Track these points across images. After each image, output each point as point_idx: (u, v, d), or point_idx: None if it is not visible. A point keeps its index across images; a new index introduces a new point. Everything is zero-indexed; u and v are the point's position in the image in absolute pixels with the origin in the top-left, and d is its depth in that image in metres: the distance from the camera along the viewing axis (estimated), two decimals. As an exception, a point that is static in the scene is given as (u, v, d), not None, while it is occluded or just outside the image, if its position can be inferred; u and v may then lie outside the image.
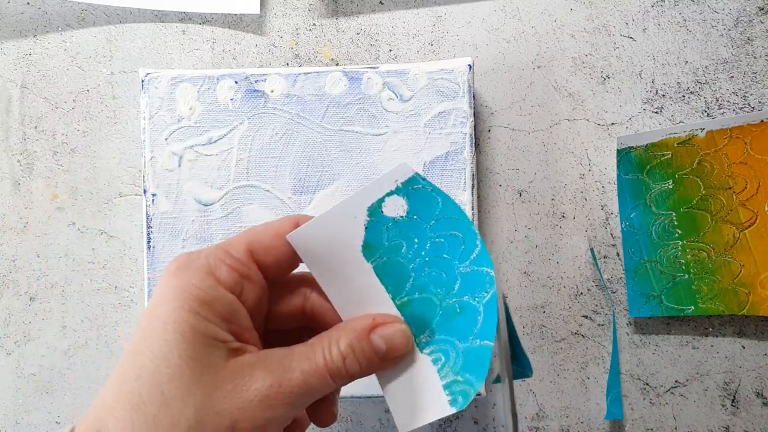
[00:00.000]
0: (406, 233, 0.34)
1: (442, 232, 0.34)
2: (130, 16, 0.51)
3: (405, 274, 0.34)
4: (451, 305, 0.34)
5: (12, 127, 0.51)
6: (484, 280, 0.33)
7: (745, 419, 0.49)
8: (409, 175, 0.33)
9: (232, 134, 0.47)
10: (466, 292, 0.34)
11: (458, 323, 0.34)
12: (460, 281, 0.34)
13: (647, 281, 0.48)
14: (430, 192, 0.34)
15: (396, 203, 0.34)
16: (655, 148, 0.47)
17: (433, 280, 0.34)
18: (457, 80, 0.46)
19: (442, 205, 0.34)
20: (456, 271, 0.34)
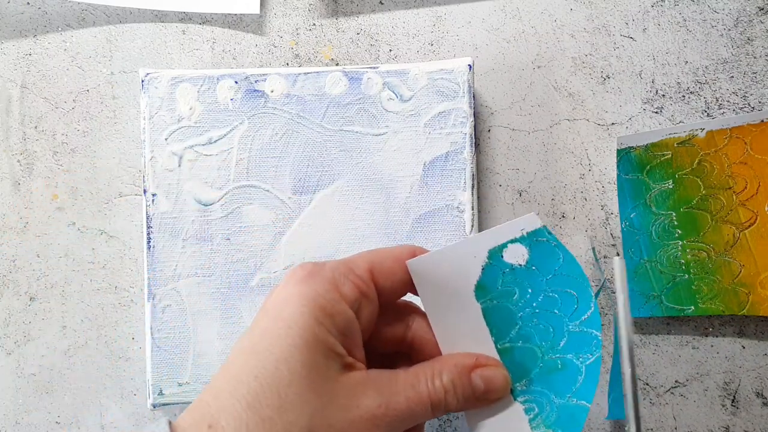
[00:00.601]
0: (521, 281, 0.34)
1: (558, 288, 0.35)
2: (130, 16, 0.51)
3: (512, 320, 0.35)
4: (553, 360, 0.34)
5: (12, 127, 0.51)
6: (591, 342, 0.34)
7: (745, 419, 0.49)
8: (536, 227, 0.34)
9: (232, 134, 0.47)
10: (570, 351, 0.34)
11: (557, 379, 0.34)
12: (567, 338, 0.34)
13: (647, 281, 0.48)
14: (553, 246, 0.34)
15: (517, 251, 0.34)
16: (655, 148, 0.47)
17: (539, 332, 0.35)
18: (457, 80, 0.46)
19: (563, 261, 0.34)
20: (564, 328, 0.35)
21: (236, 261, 0.46)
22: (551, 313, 0.35)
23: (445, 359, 0.32)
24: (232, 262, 0.46)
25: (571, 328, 0.35)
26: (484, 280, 0.34)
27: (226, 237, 0.46)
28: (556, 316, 0.35)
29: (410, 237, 0.46)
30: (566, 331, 0.35)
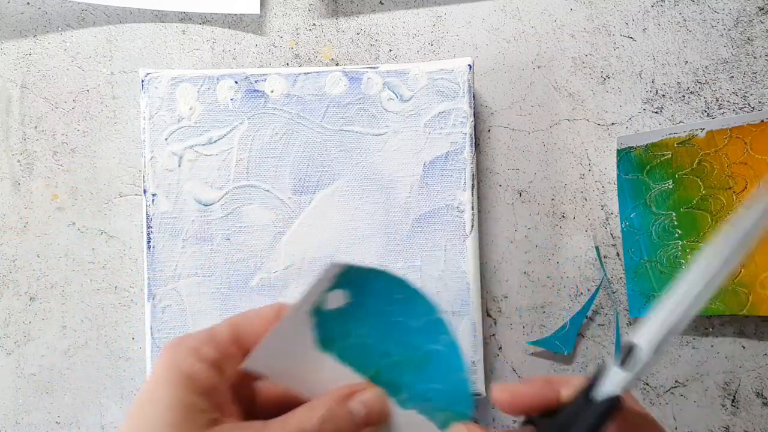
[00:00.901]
0: (355, 316, 0.36)
1: (388, 301, 0.36)
2: (130, 16, 0.51)
3: (367, 349, 0.36)
4: (419, 359, 0.36)
5: (12, 127, 0.51)
6: (436, 324, 0.36)
7: (745, 419, 0.49)
8: (343, 268, 0.35)
9: (232, 134, 0.47)
10: (427, 343, 0.36)
11: (430, 371, 0.36)
12: (418, 335, 0.36)
13: (647, 281, 0.48)
14: (365, 273, 0.36)
15: (336, 297, 0.36)
16: (655, 148, 0.47)
17: (394, 344, 0.36)
18: (457, 80, 0.46)
19: (380, 279, 0.36)
20: (412, 329, 0.36)
21: (236, 261, 0.46)
22: (394, 324, 0.36)
23: (320, 396, 0.33)
24: (232, 262, 0.46)
25: (415, 324, 0.36)
26: (322, 335, 0.36)
27: (226, 237, 0.46)
28: (399, 323, 0.36)
29: (410, 237, 0.46)
30: (414, 330, 0.36)
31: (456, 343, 0.36)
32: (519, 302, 0.49)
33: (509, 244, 0.50)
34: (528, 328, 0.49)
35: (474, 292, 0.46)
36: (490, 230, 0.50)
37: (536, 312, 0.49)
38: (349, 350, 0.36)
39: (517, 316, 0.49)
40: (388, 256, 0.46)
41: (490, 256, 0.50)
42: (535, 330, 0.49)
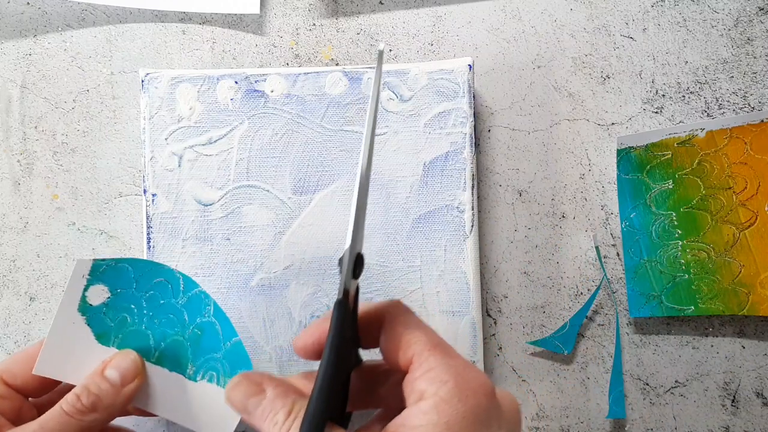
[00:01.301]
0: (121, 306, 0.40)
1: (148, 286, 0.40)
2: (130, 16, 0.51)
3: (144, 336, 0.40)
4: (192, 333, 0.40)
5: (12, 127, 0.51)
6: (200, 298, 0.40)
7: (745, 419, 0.49)
8: (90, 264, 0.39)
9: (232, 134, 0.47)
10: (195, 317, 0.40)
11: (206, 342, 0.40)
12: (185, 312, 0.40)
13: (647, 281, 0.48)
14: (116, 265, 0.40)
15: (96, 291, 0.40)
16: (655, 148, 0.47)
17: (167, 325, 0.40)
18: (457, 80, 0.46)
19: (131, 267, 0.40)
20: (178, 307, 0.40)
21: (236, 261, 0.46)
22: (161, 306, 0.40)
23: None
24: (232, 262, 0.46)
25: (180, 302, 0.40)
26: (96, 330, 0.40)
27: (226, 237, 0.46)
28: (165, 304, 0.40)
29: (410, 237, 0.46)
30: (181, 307, 0.40)
31: (221, 310, 0.40)
32: (519, 302, 0.49)
33: (509, 244, 0.50)
34: (528, 328, 0.49)
35: (474, 292, 0.46)
36: (490, 230, 0.50)
37: (536, 312, 0.49)
38: (127, 339, 0.40)
39: (517, 316, 0.49)
40: (388, 256, 0.46)
41: (490, 256, 0.50)
42: (535, 330, 0.49)
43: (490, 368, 0.49)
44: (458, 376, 0.29)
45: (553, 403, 0.49)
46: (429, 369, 0.30)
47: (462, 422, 0.28)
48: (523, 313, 0.49)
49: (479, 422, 0.29)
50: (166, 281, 0.40)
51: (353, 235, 0.31)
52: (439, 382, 0.29)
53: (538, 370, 0.49)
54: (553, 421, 0.49)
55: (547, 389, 0.49)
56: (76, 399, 0.36)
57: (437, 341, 0.31)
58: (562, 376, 0.49)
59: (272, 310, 0.46)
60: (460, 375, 0.29)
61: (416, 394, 0.30)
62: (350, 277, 0.31)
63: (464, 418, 0.28)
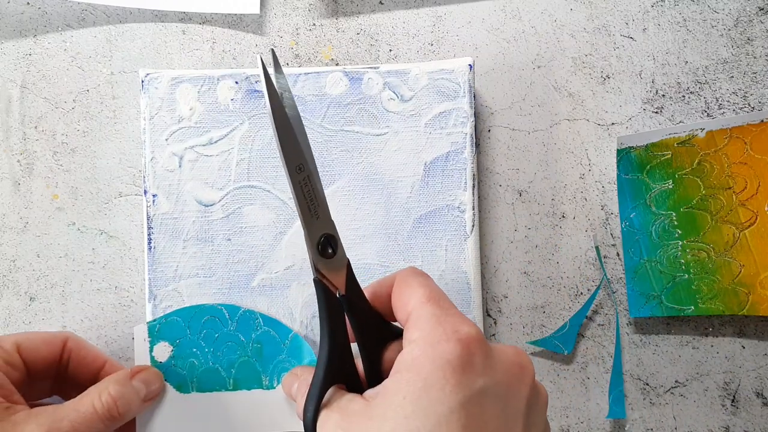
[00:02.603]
0: (185, 354, 0.44)
1: (199, 327, 0.44)
2: (130, 16, 0.51)
3: (214, 371, 0.44)
4: (253, 348, 0.44)
5: (12, 127, 0.51)
6: (246, 317, 0.44)
7: (745, 419, 0.49)
8: (146, 328, 0.44)
9: (233, 134, 0.47)
10: (250, 334, 0.44)
11: (267, 350, 0.44)
12: (240, 334, 0.44)
13: (647, 281, 0.48)
14: (166, 320, 0.44)
15: (160, 349, 0.44)
16: (655, 148, 0.48)
17: (229, 353, 0.44)
18: (457, 80, 0.46)
19: (180, 318, 0.44)
20: (232, 333, 0.44)
21: (237, 261, 0.46)
22: (218, 339, 0.44)
23: (107, 378, 0.40)
24: (233, 262, 0.46)
25: (232, 328, 0.44)
26: (174, 382, 0.44)
27: (227, 237, 0.46)
28: (220, 336, 0.44)
29: (411, 237, 0.46)
30: (234, 332, 0.44)
31: (269, 318, 0.44)
32: (519, 302, 0.50)
33: (509, 244, 0.50)
34: (528, 328, 0.49)
35: (475, 292, 0.46)
36: (490, 230, 0.50)
37: (536, 312, 0.49)
38: (202, 380, 0.43)
39: (517, 316, 0.49)
40: (388, 256, 0.46)
41: (490, 256, 0.50)
42: (535, 330, 0.49)
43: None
44: (436, 323, 0.30)
45: (553, 403, 0.49)
46: (417, 318, 0.31)
47: (430, 365, 0.29)
48: (523, 313, 0.49)
49: (451, 368, 0.29)
50: (212, 317, 0.44)
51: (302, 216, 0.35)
52: (419, 329, 0.30)
53: (538, 370, 0.49)
54: (553, 421, 0.49)
55: (547, 389, 0.49)
56: (113, 404, 0.38)
57: (433, 295, 0.32)
58: (562, 376, 0.49)
59: (273, 310, 0.46)
60: (438, 322, 0.30)
61: (404, 343, 0.31)
62: (318, 257, 0.35)
63: (433, 362, 0.29)
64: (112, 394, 0.38)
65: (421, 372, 0.28)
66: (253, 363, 0.43)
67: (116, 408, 0.38)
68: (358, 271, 0.46)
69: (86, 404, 0.37)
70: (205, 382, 0.43)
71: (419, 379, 0.28)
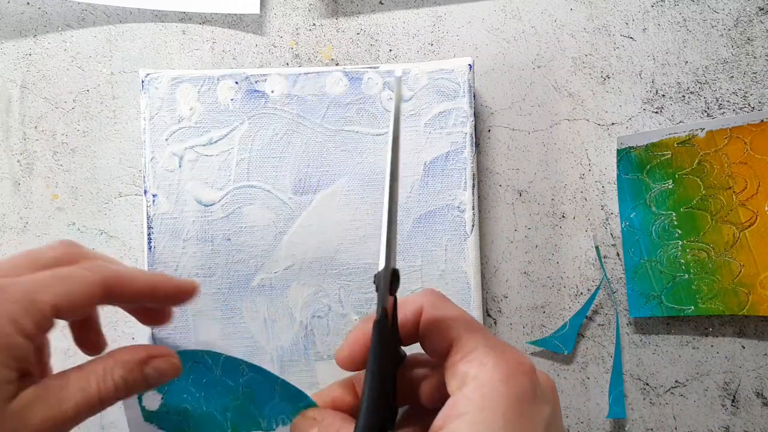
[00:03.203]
0: (177, 400, 0.42)
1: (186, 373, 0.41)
2: (130, 16, 0.51)
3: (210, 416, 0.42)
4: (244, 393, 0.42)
5: (12, 127, 0.51)
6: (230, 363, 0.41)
7: (745, 419, 0.49)
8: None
9: (233, 134, 0.47)
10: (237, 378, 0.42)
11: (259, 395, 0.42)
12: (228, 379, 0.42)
13: (647, 281, 0.48)
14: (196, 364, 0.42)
15: (149, 398, 0.42)
16: (655, 148, 0.48)
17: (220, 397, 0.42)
18: (457, 80, 0.46)
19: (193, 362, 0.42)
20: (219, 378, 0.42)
21: (237, 261, 0.46)
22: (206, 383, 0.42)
23: (118, 353, 0.35)
24: (232, 262, 0.46)
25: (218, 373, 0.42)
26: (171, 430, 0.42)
27: (227, 237, 0.46)
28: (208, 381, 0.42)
29: (411, 237, 0.46)
30: (220, 377, 0.42)
31: (251, 364, 0.41)
32: (519, 302, 0.50)
33: (509, 244, 0.50)
34: (528, 328, 0.49)
35: (475, 292, 0.46)
36: (490, 230, 0.50)
37: (536, 312, 0.49)
38: (200, 425, 0.42)
39: (517, 316, 0.49)
40: (388, 256, 0.46)
41: (490, 256, 0.50)
42: (535, 330, 0.49)
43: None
44: (498, 357, 0.29)
45: (553, 403, 0.49)
46: (469, 351, 0.30)
47: (506, 403, 0.28)
48: (523, 313, 0.49)
49: (524, 402, 0.29)
50: (196, 362, 0.42)
51: (387, 252, 0.31)
52: (479, 365, 0.29)
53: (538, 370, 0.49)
54: (553, 421, 0.49)
55: (547, 389, 0.49)
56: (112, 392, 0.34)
57: (476, 324, 0.31)
58: (562, 376, 0.49)
59: (273, 310, 0.46)
60: (500, 356, 0.29)
61: (458, 379, 0.30)
62: (387, 295, 0.31)
63: (507, 399, 0.28)
64: (116, 380, 0.34)
65: (498, 410, 0.28)
66: (247, 406, 0.42)
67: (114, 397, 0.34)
68: (358, 271, 0.46)
69: (92, 384, 0.34)
70: (203, 427, 0.42)
71: (498, 417, 0.28)
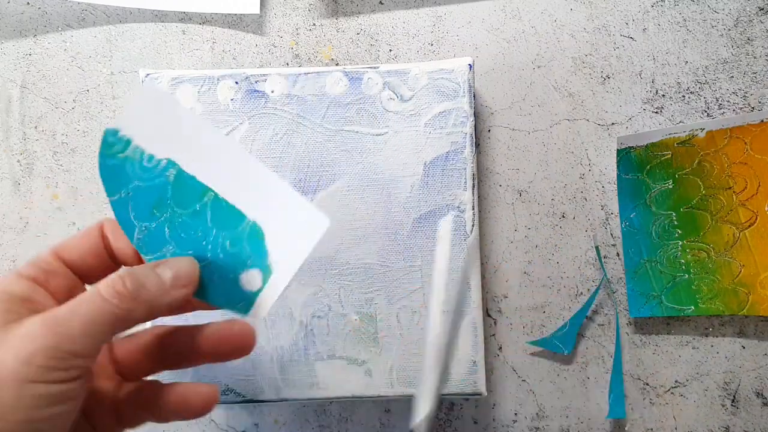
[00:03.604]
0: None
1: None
2: (130, 16, 0.51)
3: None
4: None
5: (12, 127, 0.51)
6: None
7: (745, 419, 0.49)
8: None
9: (233, 135, 0.47)
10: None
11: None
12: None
13: (647, 281, 0.48)
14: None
15: None
16: (655, 148, 0.48)
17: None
18: (457, 80, 0.46)
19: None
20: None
21: (237, 261, 0.46)
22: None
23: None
24: (232, 262, 0.46)
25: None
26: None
27: (227, 237, 0.46)
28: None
29: (411, 237, 0.46)
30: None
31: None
32: (519, 302, 0.50)
33: (509, 244, 0.50)
34: (528, 328, 0.49)
35: (475, 292, 0.46)
36: (490, 230, 0.50)
37: (536, 312, 0.49)
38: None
39: (517, 316, 0.49)
40: (388, 256, 0.46)
41: (490, 256, 0.50)
42: (535, 330, 0.49)
43: (490, 368, 0.49)
44: None
45: (553, 403, 0.49)
46: None
47: None
48: (523, 313, 0.49)
49: None
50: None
51: (434, 394, 0.31)
52: None
53: (538, 370, 0.49)
54: (553, 421, 0.49)
55: (547, 389, 0.49)
56: (118, 280, 0.32)
57: None
58: (562, 376, 0.49)
59: (273, 310, 0.46)
60: None
61: None
62: None
63: None
64: (120, 273, 0.32)
65: None
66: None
67: (122, 283, 0.32)
68: (358, 271, 0.46)
69: (91, 288, 0.32)
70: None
71: None
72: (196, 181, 0.35)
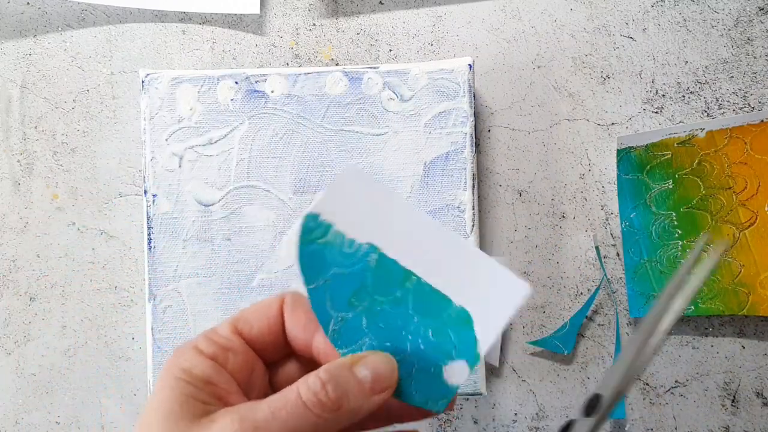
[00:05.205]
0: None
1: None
2: (130, 16, 0.51)
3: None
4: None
5: (12, 127, 0.51)
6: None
7: (745, 419, 0.49)
8: None
9: (233, 134, 0.47)
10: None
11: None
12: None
13: (647, 281, 0.48)
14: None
15: None
16: (655, 148, 0.48)
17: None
18: (457, 80, 0.46)
19: None
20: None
21: (237, 261, 0.46)
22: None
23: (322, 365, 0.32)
24: (233, 262, 0.46)
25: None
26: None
27: (227, 237, 0.46)
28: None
29: (411, 237, 0.46)
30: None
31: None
32: (519, 302, 0.49)
33: (509, 244, 0.50)
34: (528, 328, 0.49)
35: (474, 292, 0.46)
36: (490, 230, 0.50)
37: (536, 312, 0.49)
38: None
39: (517, 316, 0.49)
40: (388, 256, 0.46)
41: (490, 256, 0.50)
42: (535, 330, 0.49)
43: (490, 368, 0.49)
44: None
45: (553, 403, 0.49)
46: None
47: None
48: (523, 313, 0.49)
49: None
50: None
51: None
52: None
53: (538, 370, 0.49)
54: (553, 421, 0.49)
55: (547, 389, 0.49)
56: (321, 387, 0.29)
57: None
58: (562, 376, 0.49)
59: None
60: None
61: None
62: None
63: None
64: (321, 377, 0.30)
65: None
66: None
67: (325, 392, 0.29)
68: (358, 271, 0.46)
69: (292, 390, 0.30)
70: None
71: None
72: (398, 265, 0.32)
